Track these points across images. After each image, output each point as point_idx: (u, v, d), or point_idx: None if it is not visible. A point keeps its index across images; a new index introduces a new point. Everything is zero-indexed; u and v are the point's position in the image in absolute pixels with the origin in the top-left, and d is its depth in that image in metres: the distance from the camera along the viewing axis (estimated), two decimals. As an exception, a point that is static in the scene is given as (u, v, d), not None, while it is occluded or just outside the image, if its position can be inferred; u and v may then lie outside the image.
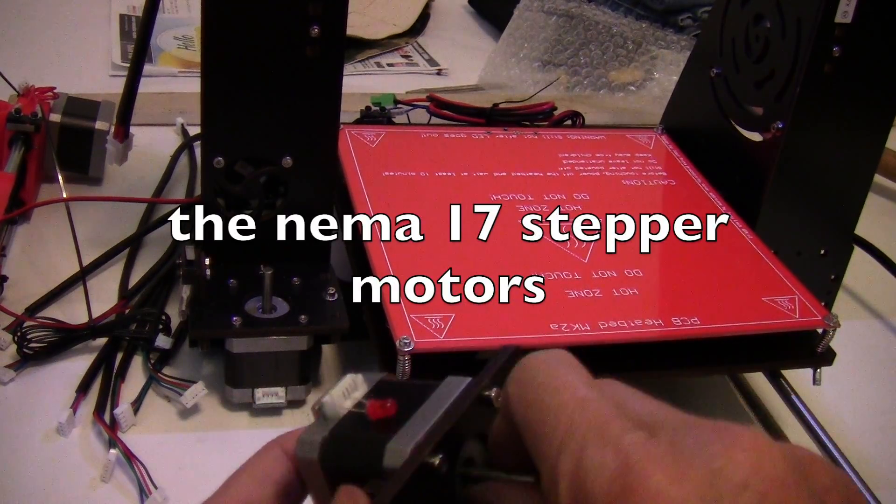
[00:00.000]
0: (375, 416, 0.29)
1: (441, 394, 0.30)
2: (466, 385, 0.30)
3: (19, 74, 0.72)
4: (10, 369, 0.53)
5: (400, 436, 0.28)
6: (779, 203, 0.64)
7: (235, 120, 0.53)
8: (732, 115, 0.69)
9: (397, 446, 0.28)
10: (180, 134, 0.81)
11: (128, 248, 0.65)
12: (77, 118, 0.69)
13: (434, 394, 0.30)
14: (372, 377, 0.32)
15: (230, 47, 0.51)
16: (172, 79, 0.92)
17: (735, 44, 0.68)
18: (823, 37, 0.59)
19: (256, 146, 0.54)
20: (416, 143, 0.67)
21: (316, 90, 0.53)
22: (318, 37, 0.51)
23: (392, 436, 0.28)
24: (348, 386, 0.31)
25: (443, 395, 0.30)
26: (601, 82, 0.96)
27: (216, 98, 0.53)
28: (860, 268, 0.71)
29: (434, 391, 0.30)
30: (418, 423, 0.29)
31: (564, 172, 0.67)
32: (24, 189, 0.66)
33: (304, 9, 0.51)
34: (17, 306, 0.57)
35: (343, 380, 0.31)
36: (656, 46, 0.98)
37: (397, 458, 0.28)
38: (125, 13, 1.05)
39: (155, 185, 0.72)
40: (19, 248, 0.64)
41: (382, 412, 0.29)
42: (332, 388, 0.31)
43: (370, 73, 1.01)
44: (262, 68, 0.52)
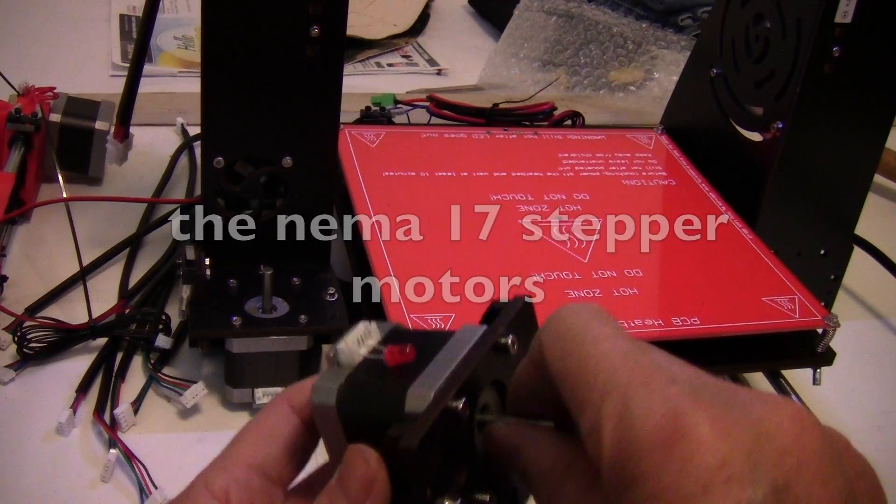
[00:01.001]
0: (393, 361, 0.29)
1: (457, 341, 0.30)
2: (483, 333, 0.30)
3: (19, 74, 0.72)
4: (10, 369, 0.53)
5: (420, 381, 0.28)
6: (779, 203, 0.64)
7: (235, 120, 0.53)
8: (732, 115, 0.69)
9: (419, 391, 0.28)
10: (180, 134, 0.81)
11: (128, 248, 0.65)
12: (77, 118, 0.69)
13: (450, 341, 0.30)
14: (384, 325, 0.31)
15: (230, 47, 0.51)
16: (172, 79, 0.92)
17: (735, 44, 0.68)
18: (823, 37, 0.59)
19: (256, 146, 0.54)
20: (416, 143, 0.67)
21: (316, 90, 0.53)
22: (318, 37, 0.51)
23: (412, 381, 0.28)
24: (362, 333, 0.31)
25: (459, 342, 0.30)
26: (601, 82, 0.96)
27: (216, 98, 0.53)
28: (860, 268, 0.71)
29: (450, 339, 0.30)
30: (438, 369, 0.28)
31: (564, 172, 0.67)
32: (24, 189, 0.66)
33: (304, 9, 0.51)
34: (17, 306, 0.57)
35: (356, 327, 0.31)
36: (656, 46, 0.98)
37: (420, 403, 0.27)
38: (125, 13, 1.05)
39: (155, 185, 0.72)
40: (19, 248, 0.64)
41: (401, 358, 0.29)
42: (346, 335, 0.30)
43: (370, 73, 1.01)
44: (262, 68, 0.52)
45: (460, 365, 0.28)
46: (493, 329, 0.30)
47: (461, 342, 0.30)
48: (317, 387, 0.29)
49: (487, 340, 0.30)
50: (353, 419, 0.29)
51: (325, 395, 0.29)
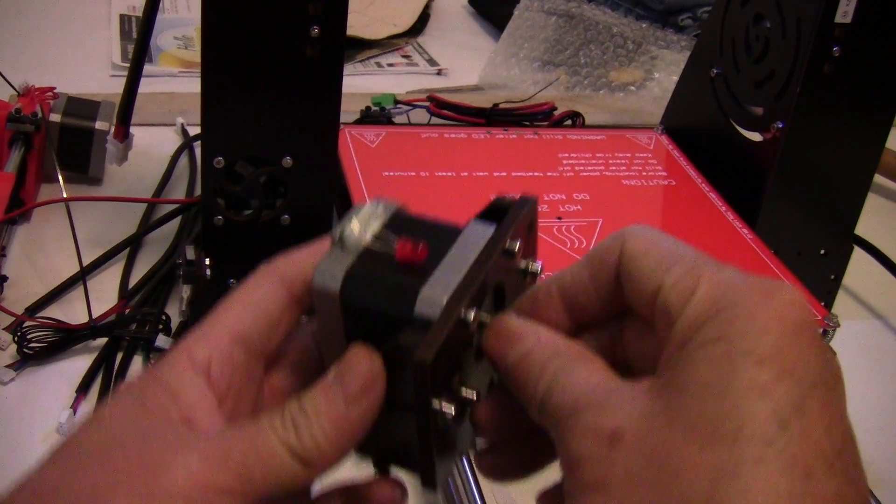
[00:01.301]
0: (404, 257, 0.28)
1: (467, 241, 0.29)
2: (492, 235, 0.29)
3: (19, 74, 0.72)
4: (10, 369, 0.53)
5: (433, 283, 0.27)
6: (779, 203, 0.64)
7: (235, 120, 0.53)
8: (732, 115, 0.69)
9: (431, 295, 0.27)
10: (180, 134, 0.81)
11: (128, 248, 0.65)
12: (77, 118, 0.69)
13: (460, 240, 0.29)
14: (390, 206, 0.30)
15: (230, 47, 0.51)
16: (172, 79, 0.92)
17: (735, 44, 0.68)
18: (823, 37, 0.59)
19: (256, 146, 0.54)
20: (417, 143, 0.67)
21: (316, 90, 0.53)
22: (318, 37, 0.51)
23: (423, 282, 0.27)
24: (368, 214, 0.30)
25: (469, 242, 0.29)
26: (601, 82, 0.96)
27: (216, 98, 0.53)
28: (860, 268, 0.71)
29: (459, 237, 0.29)
30: (449, 272, 0.28)
31: (564, 172, 0.67)
32: (25, 189, 0.66)
33: (304, 9, 0.51)
34: (17, 306, 0.57)
35: (363, 207, 0.30)
36: (656, 46, 0.98)
37: (431, 308, 0.27)
38: (125, 13, 1.05)
39: (155, 185, 0.72)
40: (19, 247, 0.64)
41: (412, 255, 0.28)
42: (353, 216, 0.29)
43: (370, 73, 1.01)
44: (262, 68, 0.52)
45: (472, 269, 0.28)
46: (502, 232, 0.29)
47: (471, 242, 0.29)
48: (321, 269, 0.28)
49: (497, 244, 0.29)
50: (357, 311, 0.28)
51: (329, 279, 0.28)
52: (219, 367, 0.29)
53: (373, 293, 0.28)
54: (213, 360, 0.29)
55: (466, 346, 0.29)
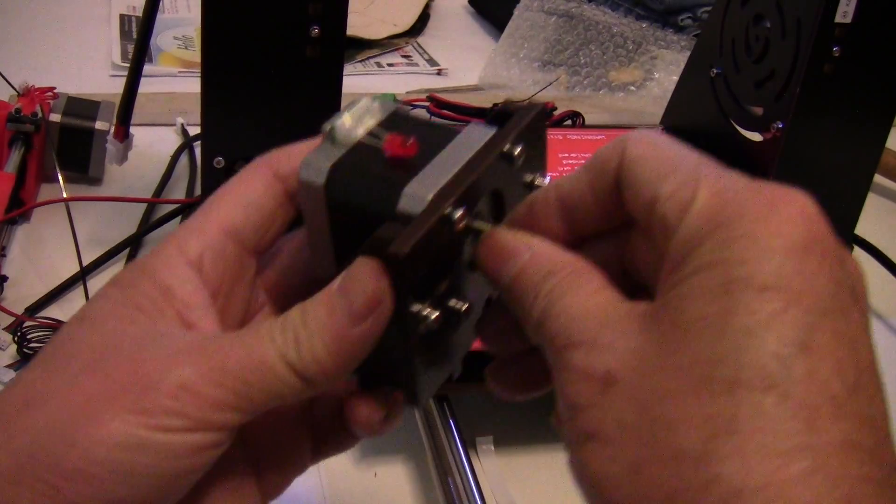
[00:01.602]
0: (393, 152, 0.27)
1: (463, 142, 0.27)
2: (491, 137, 0.28)
3: (19, 74, 0.72)
4: (10, 369, 0.53)
5: (419, 180, 0.26)
6: (779, 203, 0.64)
7: (235, 120, 0.53)
8: (732, 115, 0.69)
9: (416, 191, 0.26)
10: (180, 134, 0.81)
11: (128, 248, 0.65)
12: (77, 118, 0.69)
13: (455, 140, 0.28)
14: (388, 105, 0.29)
15: (230, 47, 0.51)
16: (172, 79, 0.92)
17: (735, 44, 0.68)
18: (823, 37, 0.59)
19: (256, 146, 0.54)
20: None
21: (316, 90, 0.53)
22: (318, 37, 0.52)
23: (410, 178, 0.26)
24: (363, 110, 0.28)
25: (465, 143, 0.27)
26: (601, 82, 0.96)
27: (216, 98, 0.53)
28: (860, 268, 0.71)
29: (455, 137, 0.28)
30: (438, 170, 0.26)
31: (564, 172, 0.67)
32: (24, 189, 0.66)
33: (304, 9, 0.51)
34: (17, 306, 0.57)
35: (358, 103, 0.28)
36: (656, 46, 0.98)
37: (415, 205, 0.25)
38: (125, 13, 1.05)
39: (155, 185, 0.72)
40: (19, 247, 0.64)
41: (401, 150, 0.27)
42: (346, 110, 0.28)
43: (370, 73, 1.01)
44: (262, 68, 0.52)
45: (464, 169, 0.26)
46: (502, 135, 0.28)
47: (467, 143, 0.27)
48: (307, 161, 0.27)
49: (495, 146, 0.27)
50: (340, 205, 0.27)
51: (314, 172, 0.27)
52: (211, 261, 0.28)
53: (357, 188, 0.27)
54: (205, 255, 0.28)
55: (456, 253, 0.27)
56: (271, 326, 0.26)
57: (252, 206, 0.29)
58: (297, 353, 0.25)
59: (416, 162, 0.26)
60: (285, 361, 0.25)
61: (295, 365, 0.25)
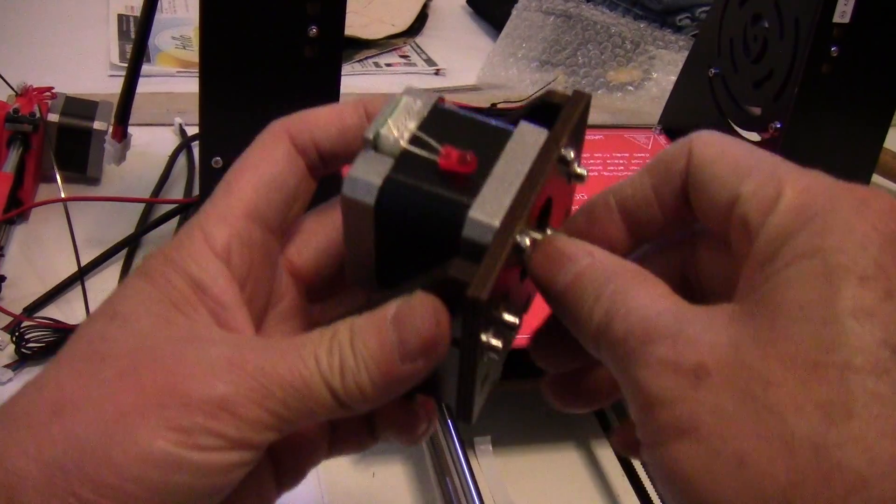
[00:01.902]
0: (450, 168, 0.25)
1: (518, 148, 0.26)
2: (545, 141, 0.26)
3: (17, 74, 0.72)
4: (9, 369, 0.53)
5: (482, 201, 0.24)
6: (777, 203, 0.64)
7: (234, 120, 0.53)
8: (731, 115, 0.69)
9: (482, 217, 0.24)
10: (178, 134, 0.81)
11: (126, 248, 0.65)
12: (75, 118, 0.69)
13: (508, 146, 0.26)
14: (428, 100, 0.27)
15: (228, 47, 0.51)
16: (170, 79, 0.92)
17: (733, 44, 0.68)
18: (821, 37, 0.59)
19: (255, 146, 0.54)
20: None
21: (314, 90, 0.53)
22: (316, 37, 0.52)
23: (470, 197, 0.24)
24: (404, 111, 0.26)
25: (520, 150, 0.26)
26: (599, 82, 0.97)
27: (214, 98, 0.53)
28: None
29: (509, 143, 0.26)
30: (499, 186, 0.24)
31: (563, 172, 0.67)
32: (23, 189, 0.66)
33: (303, 9, 0.51)
34: (15, 306, 0.57)
35: (399, 102, 0.26)
36: (654, 46, 0.98)
37: (483, 232, 0.24)
38: (123, 13, 1.05)
39: (153, 185, 0.72)
40: (17, 247, 0.64)
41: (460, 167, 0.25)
42: (389, 112, 0.26)
43: (368, 73, 1.01)
44: (261, 68, 0.52)
45: (525, 184, 0.24)
46: (555, 137, 0.26)
47: (522, 150, 0.25)
48: (353, 178, 0.25)
49: (551, 151, 0.26)
50: (393, 226, 0.25)
51: (363, 190, 0.25)
52: (238, 251, 0.27)
53: (414, 209, 0.25)
54: (232, 244, 0.26)
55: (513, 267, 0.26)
56: (317, 345, 0.25)
57: (274, 185, 0.28)
58: (341, 382, 0.24)
59: (473, 176, 0.25)
60: (329, 388, 0.24)
61: (338, 392, 0.24)
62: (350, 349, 0.24)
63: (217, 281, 0.26)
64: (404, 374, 0.24)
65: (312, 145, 0.29)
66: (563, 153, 0.26)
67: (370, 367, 0.24)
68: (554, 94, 0.28)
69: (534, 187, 0.25)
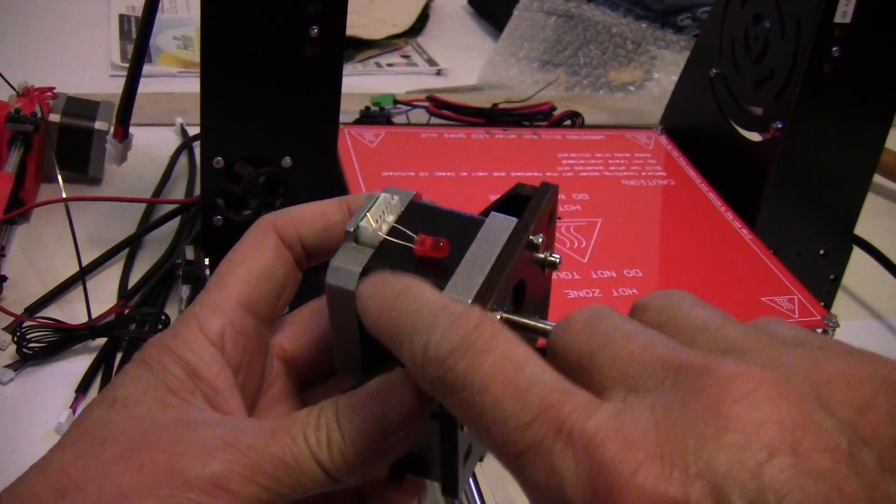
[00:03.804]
0: (424, 254, 0.26)
1: (488, 236, 0.27)
2: (514, 228, 0.28)
3: (19, 74, 0.72)
4: (10, 369, 0.53)
5: (454, 284, 0.26)
6: (778, 203, 0.64)
7: (235, 120, 0.53)
8: (732, 115, 0.69)
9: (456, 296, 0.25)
10: (179, 134, 0.81)
11: (127, 248, 0.65)
12: (76, 118, 0.69)
13: (481, 234, 0.27)
14: (405, 197, 0.29)
15: (229, 47, 0.51)
16: (172, 79, 0.92)
17: (734, 44, 0.68)
18: (823, 37, 0.59)
19: (256, 146, 0.54)
20: (416, 143, 0.67)
21: (315, 90, 0.53)
22: (317, 37, 0.51)
23: (444, 281, 0.26)
24: (383, 207, 0.28)
25: (490, 237, 0.27)
26: (600, 82, 0.96)
27: (215, 98, 0.53)
28: (860, 268, 0.71)
29: (480, 231, 0.28)
30: (471, 270, 0.26)
31: (564, 172, 0.67)
32: (24, 189, 0.66)
33: (304, 9, 0.51)
34: (16, 306, 0.57)
35: (377, 199, 0.28)
36: (655, 46, 0.98)
37: None
38: (124, 13, 1.05)
39: (154, 185, 0.72)
40: (19, 247, 0.64)
41: (433, 252, 0.26)
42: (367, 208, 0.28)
43: (370, 73, 1.01)
44: (262, 68, 0.52)
45: (495, 267, 0.26)
46: (524, 224, 0.28)
47: (492, 237, 0.27)
48: (336, 268, 0.27)
49: (520, 238, 0.27)
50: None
51: (344, 278, 0.27)
52: (232, 339, 0.28)
53: None
54: (226, 333, 0.28)
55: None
56: (305, 422, 0.26)
57: (264, 276, 0.29)
58: (328, 456, 0.26)
59: (447, 261, 0.26)
60: (318, 462, 0.26)
61: (326, 466, 0.26)
62: (336, 424, 0.26)
63: (211, 367, 0.28)
64: (388, 446, 0.26)
65: (298, 240, 0.30)
66: (532, 238, 0.28)
67: (355, 440, 0.26)
68: (523, 186, 0.30)
69: (504, 268, 0.26)
